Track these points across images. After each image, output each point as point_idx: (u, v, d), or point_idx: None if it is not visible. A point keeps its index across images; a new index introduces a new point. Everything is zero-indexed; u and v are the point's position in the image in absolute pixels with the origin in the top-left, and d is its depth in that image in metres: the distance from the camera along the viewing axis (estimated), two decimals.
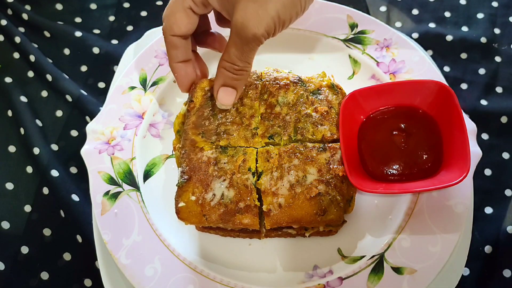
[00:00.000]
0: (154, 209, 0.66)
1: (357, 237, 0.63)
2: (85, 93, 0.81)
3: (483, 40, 0.83)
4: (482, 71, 0.81)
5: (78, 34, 0.87)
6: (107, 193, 0.65)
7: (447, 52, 0.83)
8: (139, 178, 0.67)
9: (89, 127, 0.69)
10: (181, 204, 0.58)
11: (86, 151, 0.68)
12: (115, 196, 0.65)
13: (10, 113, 0.81)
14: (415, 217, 0.62)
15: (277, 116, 0.62)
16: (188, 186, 0.59)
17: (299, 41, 0.75)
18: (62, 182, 0.74)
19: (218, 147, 0.60)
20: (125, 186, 0.66)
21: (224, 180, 0.58)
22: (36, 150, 0.77)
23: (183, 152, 0.61)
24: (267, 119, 0.62)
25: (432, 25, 0.86)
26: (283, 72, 0.66)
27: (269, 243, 0.64)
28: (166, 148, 0.70)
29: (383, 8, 0.88)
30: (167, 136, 0.71)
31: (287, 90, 0.63)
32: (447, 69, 0.82)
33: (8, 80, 0.83)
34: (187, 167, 0.60)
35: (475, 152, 0.63)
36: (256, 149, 0.60)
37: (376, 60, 0.72)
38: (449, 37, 0.84)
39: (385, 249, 0.61)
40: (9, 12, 0.89)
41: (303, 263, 0.63)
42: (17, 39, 0.85)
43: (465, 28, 0.85)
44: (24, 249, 0.72)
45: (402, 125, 0.62)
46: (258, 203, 0.57)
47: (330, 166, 0.58)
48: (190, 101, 0.64)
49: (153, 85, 0.73)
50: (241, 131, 0.61)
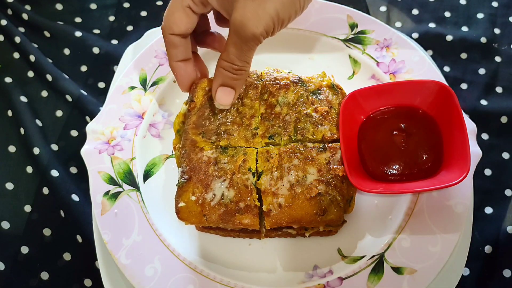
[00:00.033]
0: (154, 209, 0.66)
1: (357, 237, 0.63)
2: (85, 93, 0.81)
3: (483, 40, 0.83)
4: (482, 71, 0.81)
5: (78, 34, 0.87)
6: (107, 193, 0.65)
7: (447, 52, 0.83)
8: (139, 178, 0.67)
9: (89, 127, 0.69)
10: (181, 204, 0.58)
11: (86, 151, 0.68)
12: (115, 196, 0.65)
13: (10, 113, 0.81)
14: (415, 217, 0.62)
15: (277, 116, 0.62)
16: (188, 186, 0.59)
17: (299, 41, 0.75)
18: (62, 182, 0.75)
19: (219, 147, 0.60)
20: (125, 186, 0.66)
21: (224, 180, 0.58)
22: (36, 150, 0.77)
23: (183, 152, 0.61)
24: (267, 119, 0.62)
25: (432, 25, 0.86)
26: (283, 72, 0.66)
27: (269, 243, 0.64)
28: (166, 148, 0.70)
29: (383, 8, 0.88)
30: (167, 136, 0.71)
31: (287, 90, 0.63)
32: (447, 69, 0.82)
33: (8, 80, 0.83)
34: (187, 167, 0.60)
35: (475, 152, 0.63)
36: (256, 149, 0.60)
37: (376, 60, 0.72)
38: (449, 37, 0.84)
39: (385, 249, 0.61)
40: (9, 12, 0.89)
41: (303, 263, 0.63)
42: (17, 39, 0.85)
43: (465, 28, 0.85)
44: (24, 249, 0.72)
45: (402, 125, 0.62)
46: (258, 203, 0.57)
47: (330, 166, 0.58)
48: (190, 101, 0.64)
49: (153, 85, 0.73)
50: (242, 131, 0.61)
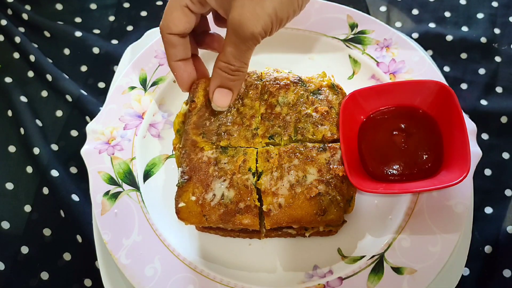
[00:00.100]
0: (154, 209, 0.66)
1: (357, 237, 0.63)
2: (85, 93, 0.81)
3: (483, 40, 0.83)
4: (482, 71, 0.81)
5: (78, 34, 0.87)
6: (107, 193, 0.65)
7: (447, 52, 0.83)
8: (139, 178, 0.67)
9: (89, 127, 0.69)
10: (181, 204, 0.58)
11: (86, 151, 0.68)
12: (115, 196, 0.65)
13: (10, 113, 0.81)
14: (415, 217, 0.62)
15: (278, 116, 0.62)
16: (188, 186, 0.58)
17: (299, 41, 0.75)
18: (62, 182, 0.74)
19: (219, 147, 0.60)
20: (125, 186, 0.66)
21: (224, 180, 0.58)
22: (36, 150, 0.77)
23: (183, 152, 0.61)
24: (267, 119, 0.62)
25: (432, 25, 0.86)
26: (283, 72, 0.66)
27: (269, 243, 0.64)
28: (166, 148, 0.70)
29: (383, 8, 0.88)
30: (167, 136, 0.71)
31: (287, 90, 0.63)
32: (447, 69, 0.82)
33: (8, 80, 0.83)
34: (187, 167, 0.59)
35: (475, 152, 0.63)
36: (256, 149, 0.60)
37: (376, 60, 0.72)
38: (449, 37, 0.84)
39: (385, 249, 0.61)
40: (9, 12, 0.89)
41: (303, 263, 0.63)
42: (17, 39, 0.85)
43: (465, 28, 0.85)
44: (24, 249, 0.72)
45: (402, 125, 0.62)
46: (258, 203, 0.57)
47: (330, 166, 0.58)
48: (191, 101, 0.63)
49: (153, 85, 0.73)
50: (242, 131, 0.61)
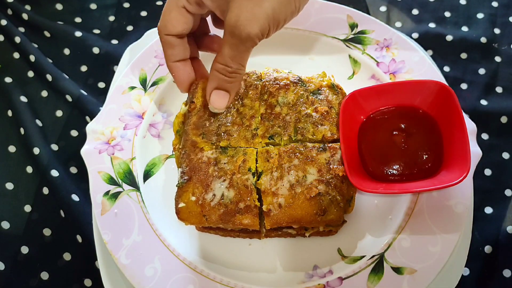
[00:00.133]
0: (154, 209, 0.65)
1: (357, 237, 0.63)
2: (85, 93, 0.81)
3: (483, 40, 0.83)
4: (482, 71, 0.81)
5: (78, 34, 0.87)
6: (107, 193, 0.65)
7: (447, 52, 0.83)
8: (139, 178, 0.67)
9: (89, 127, 0.69)
10: (181, 205, 0.58)
11: (86, 151, 0.68)
12: (115, 196, 0.65)
13: (10, 113, 0.81)
14: (415, 217, 0.62)
15: (277, 116, 0.62)
16: (188, 186, 0.58)
17: (299, 41, 0.75)
18: (62, 182, 0.74)
19: (218, 148, 0.60)
20: (125, 186, 0.66)
21: (224, 180, 0.58)
22: (36, 150, 0.77)
23: (183, 153, 0.61)
24: (267, 119, 0.62)
25: (432, 25, 0.86)
26: (283, 72, 0.66)
27: (269, 243, 0.64)
28: (166, 148, 0.70)
29: (383, 8, 0.88)
30: (167, 136, 0.71)
31: (287, 90, 0.63)
32: (447, 69, 0.82)
33: (8, 80, 0.83)
34: (187, 168, 0.59)
35: (475, 152, 0.63)
36: (256, 149, 0.60)
37: (376, 60, 0.72)
38: (449, 37, 0.84)
39: (385, 249, 0.61)
40: (9, 12, 0.89)
41: (303, 263, 0.63)
42: (17, 39, 0.85)
43: (465, 28, 0.85)
44: (24, 249, 0.72)
45: (402, 125, 0.62)
46: (258, 203, 0.57)
47: (330, 166, 0.58)
48: (190, 102, 0.63)
49: (153, 85, 0.73)
50: (242, 131, 0.61)
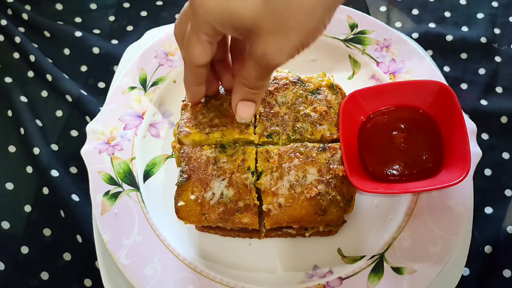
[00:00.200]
0: (154, 209, 0.65)
1: (357, 237, 0.63)
2: (85, 93, 0.81)
3: (483, 40, 0.83)
4: (482, 71, 0.81)
5: (78, 34, 0.87)
6: (107, 193, 0.65)
7: (447, 52, 0.83)
8: (139, 178, 0.67)
9: (89, 127, 0.69)
10: (181, 203, 0.58)
11: (86, 151, 0.67)
12: (115, 196, 0.65)
13: (10, 113, 0.81)
14: (415, 217, 0.62)
15: (276, 116, 0.62)
16: (187, 185, 0.59)
17: None
18: (62, 182, 0.74)
19: (218, 147, 0.60)
20: (125, 186, 0.66)
21: (224, 179, 0.58)
22: (36, 150, 0.77)
23: (182, 152, 0.61)
24: (265, 119, 0.62)
25: (432, 25, 0.86)
26: (282, 72, 0.66)
27: (269, 243, 0.64)
28: (166, 148, 0.70)
29: (383, 8, 0.88)
30: (167, 136, 0.71)
31: (286, 89, 0.63)
32: (447, 69, 0.82)
33: (8, 80, 0.83)
34: (187, 166, 0.60)
35: (475, 152, 0.63)
36: (255, 149, 0.60)
37: (376, 60, 0.72)
38: (449, 37, 0.84)
39: (385, 249, 0.61)
40: (9, 12, 0.89)
41: (303, 263, 0.63)
42: (17, 39, 0.85)
43: (465, 28, 0.85)
44: (24, 249, 0.72)
45: (402, 126, 0.62)
46: (257, 202, 0.57)
47: (330, 166, 0.58)
48: (183, 101, 0.64)
49: (153, 85, 0.72)
50: (235, 123, 0.61)
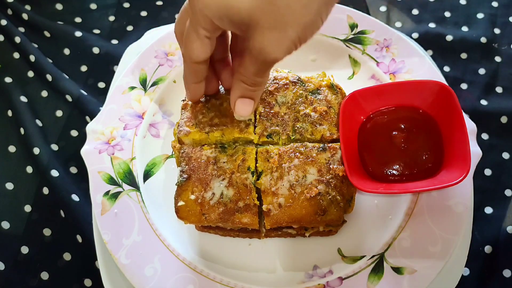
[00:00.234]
0: (154, 209, 0.65)
1: (357, 237, 0.63)
2: (85, 93, 0.81)
3: (483, 40, 0.83)
4: (482, 71, 0.81)
5: (78, 34, 0.87)
6: (107, 193, 0.65)
7: (447, 52, 0.83)
8: (139, 178, 0.67)
9: (89, 127, 0.69)
10: (181, 203, 0.58)
11: (86, 151, 0.67)
12: (115, 196, 0.65)
13: (10, 113, 0.81)
14: (415, 217, 0.62)
15: (276, 116, 0.62)
16: (187, 185, 0.59)
17: None
18: (62, 182, 0.74)
19: (218, 147, 0.60)
20: (125, 186, 0.66)
21: (224, 179, 0.58)
22: (36, 150, 0.77)
23: (182, 151, 0.61)
24: (265, 118, 0.62)
25: (432, 25, 0.86)
26: (282, 72, 0.66)
27: (269, 243, 0.64)
28: (166, 148, 0.70)
29: (383, 8, 0.88)
30: (167, 136, 0.71)
31: (286, 89, 0.63)
32: (447, 69, 0.82)
33: (8, 80, 0.83)
34: (187, 166, 0.60)
35: (475, 152, 0.63)
36: (255, 149, 0.60)
37: (376, 60, 0.72)
38: (449, 37, 0.84)
39: (385, 249, 0.61)
40: (9, 12, 0.89)
41: (303, 263, 0.63)
42: (17, 39, 0.85)
43: (465, 28, 0.85)
44: (24, 249, 0.72)
45: (402, 125, 0.62)
46: (257, 202, 0.57)
47: (330, 166, 0.58)
48: (182, 100, 0.64)
49: (153, 85, 0.72)
50: (235, 122, 0.61)
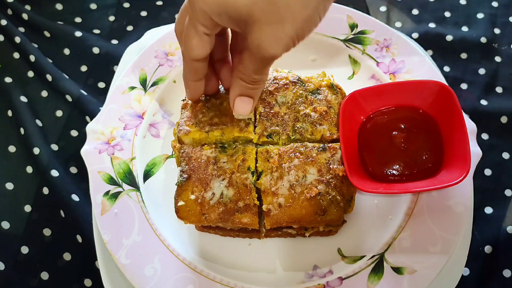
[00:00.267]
0: (154, 209, 0.65)
1: (357, 237, 0.63)
2: (85, 93, 0.81)
3: (483, 40, 0.83)
4: (482, 71, 0.81)
5: (78, 34, 0.87)
6: (107, 193, 0.65)
7: (447, 52, 0.83)
8: (139, 178, 0.67)
9: (89, 127, 0.69)
10: (181, 203, 0.58)
11: (86, 151, 0.67)
12: (115, 196, 0.65)
13: (10, 113, 0.81)
14: (415, 217, 0.62)
15: (276, 116, 0.62)
16: (187, 185, 0.59)
17: None
18: (62, 182, 0.74)
19: (218, 147, 0.60)
20: (125, 186, 0.66)
21: (224, 179, 0.58)
22: (36, 150, 0.77)
23: (182, 151, 0.61)
24: (265, 118, 0.62)
25: (432, 25, 0.86)
26: (282, 72, 0.66)
27: (269, 243, 0.64)
28: (166, 148, 0.70)
29: (383, 8, 0.88)
30: (167, 136, 0.71)
31: (286, 89, 0.63)
32: (447, 69, 0.82)
33: (8, 80, 0.83)
34: (187, 166, 0.60)
35: (475, 152, 0.63)
36: (255, 149, 0.60)
37: (376, 60, 0.72)
38: (449, 37, 0.84)
39: (385, 249, 0.61)
40: (9, 12, 0.89)
41: (303, 263, 0.63)
42: (17, 39, 0.85)
43: (465, 28, 0.85)
44: (24, 249, 0.72)
45: (402, 125, 0.62)
46: (257, 202, 0.57)
47: (330, 166, 0.58)
48: (182, 100, 0.64)
49: (153, 85, 0.72)
50: (235, 121, 0.61)
